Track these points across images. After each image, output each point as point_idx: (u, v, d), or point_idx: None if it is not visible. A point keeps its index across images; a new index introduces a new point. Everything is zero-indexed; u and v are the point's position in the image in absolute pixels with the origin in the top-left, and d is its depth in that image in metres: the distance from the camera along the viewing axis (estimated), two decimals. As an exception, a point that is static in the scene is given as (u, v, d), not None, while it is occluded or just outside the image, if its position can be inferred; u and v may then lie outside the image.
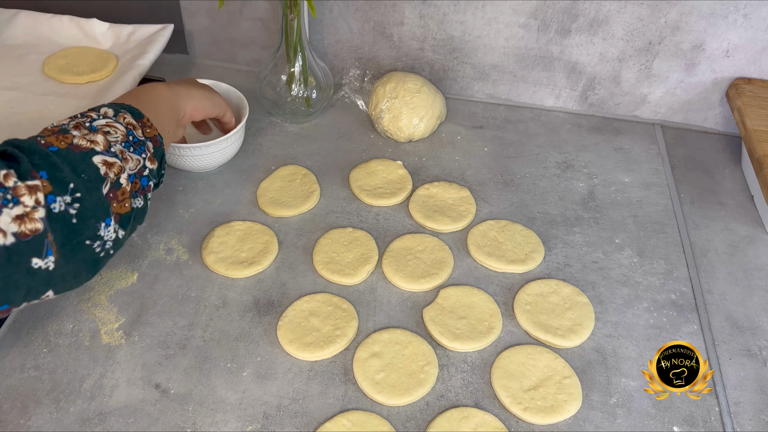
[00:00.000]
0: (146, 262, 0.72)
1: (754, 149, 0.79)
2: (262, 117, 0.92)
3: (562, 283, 0.72)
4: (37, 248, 0.46)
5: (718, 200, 0.85)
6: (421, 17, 0.90)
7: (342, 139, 0.90)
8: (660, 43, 0.87)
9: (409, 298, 0.71)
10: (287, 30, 0.83)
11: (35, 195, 0.46)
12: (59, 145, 0.50)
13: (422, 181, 0.84)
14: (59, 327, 0.65)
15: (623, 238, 0.78)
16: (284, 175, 0.83)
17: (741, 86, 0.87)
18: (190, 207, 0.79)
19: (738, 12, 0.82)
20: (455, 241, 0.77)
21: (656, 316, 0.70)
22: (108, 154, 0.53)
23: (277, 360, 0.64)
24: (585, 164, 0.88)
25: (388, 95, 0.87)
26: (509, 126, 0.94)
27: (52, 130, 0.53)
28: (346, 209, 0.80)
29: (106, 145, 0.54)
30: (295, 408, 0.60)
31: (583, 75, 0.93)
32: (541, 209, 0.82)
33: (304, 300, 0.69)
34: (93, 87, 0.90)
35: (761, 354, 0.67)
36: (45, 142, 0.50)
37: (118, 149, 0.54)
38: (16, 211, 0.44)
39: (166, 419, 0.59)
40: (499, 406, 0.62)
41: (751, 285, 0.74)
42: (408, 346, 0.65)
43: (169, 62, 1.01)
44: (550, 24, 0.88)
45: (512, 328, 0.68)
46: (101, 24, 0.96)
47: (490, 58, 0.93)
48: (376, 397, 0.61)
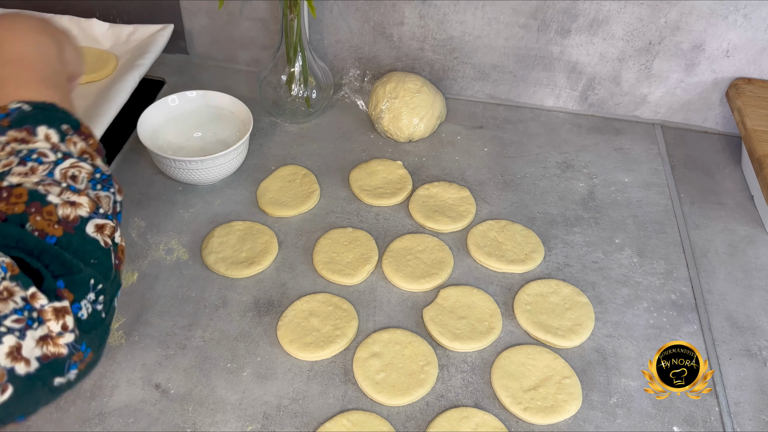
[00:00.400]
0: (146, 262, 0.72)
1: (754, 149, 0.79)
2: (262, 117, 0.92)
3: (562, 283, 0.72)
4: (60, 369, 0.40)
5: (718, 200, 0.85)
6: (421, 17, 0.90)
7: (342, 139, 0.90)
8: (660, 43, 0.87)
9: (409, 298, 0.71)
10: (287, 30, 0.83)
11: (62, 320, 0.40)
12: (55, 233, 0.42)
13: (422, 181, 0.84)
14: None
15: (623, 238, 0.78)
16: (284, 175, 0.83)
17: (741, 86, 0.87)
18: (190, 207, 0.79)
19: (738, 12, 0.82)
20: (455, 241, 0.77)
21: (656, 316, 0.70)
22: (96, 215, 0.44)
23: (277, 360, 0.64)
24: (585, 164, 0.88)
25: (388, 95, 0.87)
26: (509, 126, 0.94)
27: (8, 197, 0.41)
28: (346, 209, 0.80)
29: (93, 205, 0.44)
30: (295, 408, 0.60)
31: (583, 75, 0.93)
32: (541, 209, 0.82)
33: (304, 300, 0.69)
34: (93, 87, 0.90)
35: (761, 354, 0.67)
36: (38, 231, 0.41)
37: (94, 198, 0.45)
38: (40, 332, 0.39)
39: (166, 419, 0.59)
40: (499, 406, 0.62)
41: (751, 285, 0.74)
42: (408, 346, 0.65)
43: (169, 62, 1.01)
44: (550, 24, 0.88)
45: (512, 328, 0.69)
46: (101, 24, 0.96)
47: (490, 58, 0.93)
48: (376, 397, 0.61)
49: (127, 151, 0.86)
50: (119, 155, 0.85)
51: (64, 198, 0.43)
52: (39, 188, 0.42)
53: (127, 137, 0.87)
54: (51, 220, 0.42)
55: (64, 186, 0.43)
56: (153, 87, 0.96)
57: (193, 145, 0.85)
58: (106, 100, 0.80)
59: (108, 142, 0.81)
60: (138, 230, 0.75)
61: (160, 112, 0.83)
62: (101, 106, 0.79)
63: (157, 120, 0.82)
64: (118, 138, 0.86)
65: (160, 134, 0.82)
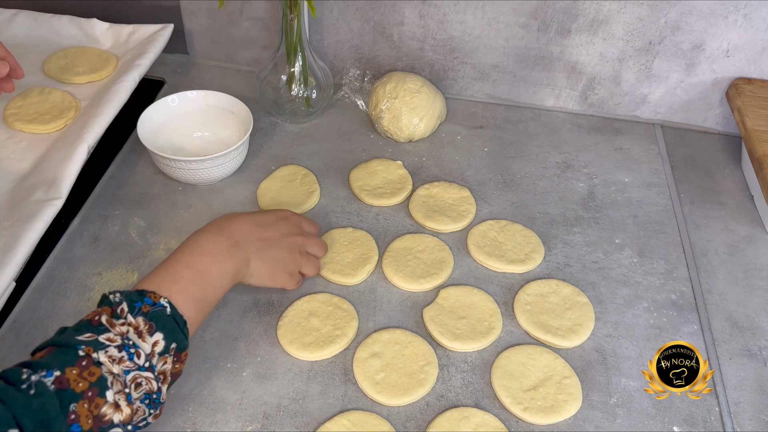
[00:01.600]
0: (146, 262, 0.72)
1: (754, 149, 0.79)
2: (262, 117, 0.92)
3: (562, 283, 0.72)
4: None
5: (718, 200, 0.85)
6: (421, 17, 0.90)
7: (342, 139, 0.90)
8: (660, 43, 0.87)
9: (409, 298, 0.71)
10: (287, 30, 0.83)
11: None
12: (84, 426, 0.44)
13: (422, 181, 0.84)
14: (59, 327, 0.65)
15: (623, 238, 0.78)
16: (284, 175, 0.83)
17: (741, 86, 0.87)
18: (190, 207, 0.79)
19: (738, 12, 0.82)
20: (455, 241, 0.77)
21: (656, 316, 0.70)
22: (123, 427, 0.47)
23: (277, 360, 0.64)
24: (585, 164, 0.88)
25: (388, 95, 0.87)
26: (509, 126, 0.94)
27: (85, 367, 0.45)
28: (346, 209, 0.80)
29: (129, 417, 0.47)
30: (295, 408, 0.60)
31: (583, 75, 0.93)
32: (541, 209, 0.82)
33: (304, 300, 0.69)
34: (93, 87, 0.90)
35: (761, 354, 0.67)
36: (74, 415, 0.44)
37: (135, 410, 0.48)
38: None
39: (166, 419, 0.59)
40: (499, 406, 0.62)
41: (751, 285, 0.74)
42: (408, 346, 0.65)
43: (169, 62, 1.01)
44: (550, 24, 0.88)
45: (512, 328, 0.68)
46: (101, 24, 0.96)
47: (490, 58, 0.93)
48: (376, 397, 0.61)
49: (127, 151, 0.86)
50: (119, 155, 0.85)
51: (116, 398, 0.46)
52: (109, 378, 0.46)
53: (127, 137, 0.87)
54: (91, 413, 0.45)
55: (125, 390, 0.47)
56: (153, 87, 0.96)
57: (193, 145, 0.85)
58: (106, 100, 0.80)
59: (108, 142, 0.82)
60: (138, 230, 0.75)
61: (160, 112, 0.83)
62: (101, 106, 0.79)
63: (157, 120, 0.82)
64: (118, 138, 0.86)
65: (160, 134, 0.82)
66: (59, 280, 0.69)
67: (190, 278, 0.55)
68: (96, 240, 0.74)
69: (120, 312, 0.50)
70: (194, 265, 0.56)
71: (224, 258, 0.58)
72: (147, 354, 0.49)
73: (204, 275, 0.56)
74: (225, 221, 0.62)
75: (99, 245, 0.73)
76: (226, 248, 0.59)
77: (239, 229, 0.61)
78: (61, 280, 0.70)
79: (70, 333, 0.48)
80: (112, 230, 0.75)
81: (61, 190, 0.71)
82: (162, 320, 0.51)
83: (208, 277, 0.56)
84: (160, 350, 0.50)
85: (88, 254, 0.72)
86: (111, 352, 0.47)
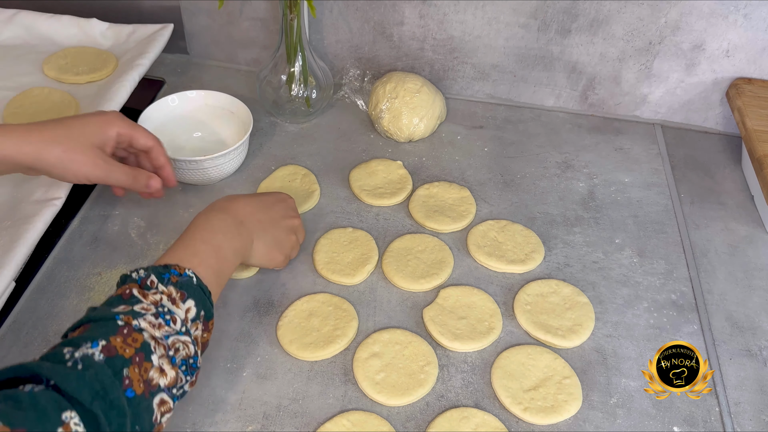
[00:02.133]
0: (146, 262, 0.72)
1: (754, 149, 0.79)
2: (262, 117, 0.92)
3: (562, 283, 0.72)
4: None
5: (718, 200, 0.85)
6: (421, 17, 0.90)
7: (342, 139, 0.90)
8: (660, 43, 0.87)
9: (409, 298, 0.71)
10: (287, 30, 0.83)
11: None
12: (136, 390, 0.45)
13: (422, 181, 0.84)
14: (59, 327, 0.65)
15: (623, 238, 0.78)
16: (284, 175, 0.83)
17: (741, 86, 0.87)
18: (189, 207, 0.79)
19: (738, 12, 0.82)
20: (455, 241, 0.77)
21: (656, 316, 0.70)
22: (168, 392, 0.48)
23: (277, 360, 0.64)
24: (585, 164, 0.88)
25: (388, 95, 0.87)
26: (509, 126, 0.94)
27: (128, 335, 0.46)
28: (346, 209, 0.80)
29: (173, 381, 0.48)
30: (295, 408, 0.60)
31: (583, 75, 0.93)
32: (541, 209, 0.82)
33: (304, 300, 0.69)
34: (93, 87, 0.90)
35: (761, 354, 0.67)
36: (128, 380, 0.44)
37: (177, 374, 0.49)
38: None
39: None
40: (499, 406, 0.62)
41: (751, 285, 0.74)
42: (408, 346, 0.65)
43: (169, 62, 1.01)
44: (550, 24, 0.88)
45: (512, 328, 0.68)
46: (101, 24, 0.96)
47: (490, 58, 0.93)
48: (376, 397, 0.61)
49: (127, 151, 0.86)
50: (119, 155, 0.85)
51: (160, 362, 0.47)
52: (152, 343, 0.47)
53: (127, 137, 0.87)
54: (142, 377, 0.46)
55: (169, 353, 0.48)
56: (153, 87, 0.96)
57: (193, 145, 0.85)
58: (106, 100, 0.80)
59: (108, 142, 0.82)
60: (138, 230, 0.75)
61: (160, 112, 0.83)
62: (101, 105, 0.79)
63: (157, 120, 0.82)
64: (118, 138, 0.86)
65: (159, 134, 0.81)
66: (59, 280, 0.69)
67: (208, 252, 0.57)
68: (96, 240, 0.74)
69: (150, 283, 0.51)
70: (209, 240, 0.58)
71: (234, 236, 0.60)
72: (182, 319, 0.50)
73: (219, 250, 0.58)
74: (227, 202, 0.64)
75: (99, 245, 0.73)
76: (234, 227, 0.61)
77: (243, 210, 0.63)
78: (60, 280, 0.70)
79: (103, 308, 0.48)
80: (112, 230, 0.75)
81: (60, 190, 0.71)
82: (191, 288, 0.52)
83: (222, 252, 0.58)
84: (192, 317, 0.51)
85: (88, 254, 0.72)
86: (149, 318, 0.48)
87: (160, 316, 0.49)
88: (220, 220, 0.60)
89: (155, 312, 0.49)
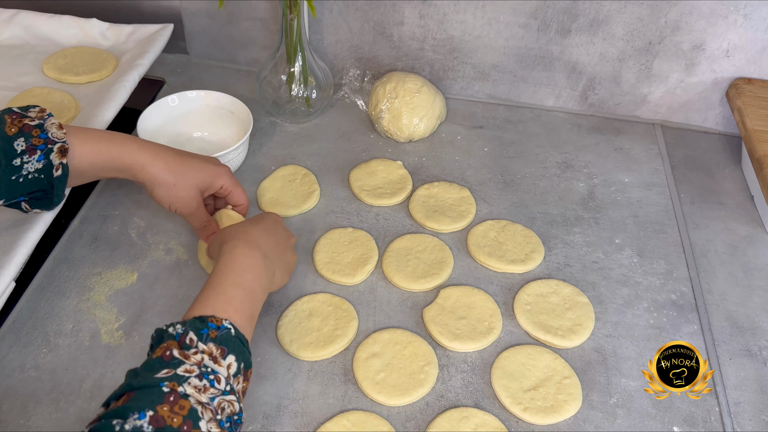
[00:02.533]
0: (146, 262, 0.72)
1: (754, 149, 0.79)
2: (262, 117, 0.92)
3: (562, 283, 0.72)
4: None
5: (718, 200, 0.85)
6: (421, 17, 0.90)
7: (342, 139, 0.90)
8: (660, 43, 0.87)
9: (409, 298, 0.71)
10: (287, 30, 0.83)
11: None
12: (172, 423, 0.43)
13: (422, 181, 0.84)
14: (59, 327, 0.65)
15: (623, 238, 0.78)
16: (284, 175, 0.83)
17: (741, 86, 0.87)
18: (190, 207, 0.79)
19: (738, 12, 0.82)
20: (455, 241, 0.77)
21: (656, 316, 0.70)
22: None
23: (277, 360, 0.64)
24: (585, 164, 0.88)
25: (388, 95, 0.87)
26: (509, 126, 0.94)
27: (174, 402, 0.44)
28: (346, 209, 0.80)
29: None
30: (295, 408, 0.60)
31: (583, 75, 0.93)
32: (541, 209, 0.82)
33: (304, 300, 0.69)
34: (93, 87, 0.90)
35: (761, 354, 0.67)
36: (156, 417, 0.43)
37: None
38: None
39: (166, 419, 0.59)
40: (499, 406, 0.62)
41: (751, 285, 0.74)
42: (408, 346, 0.65)
43: (169, 62, 1.01)
44: (550, 24, 0.88)
45: (512, 328, 0.68)
46: (101, 24, 0.96)
47: (490, 58, 0.93)
48: (376, 397, 0.61)
49: (127, 151, 0.86)
50: (119, 155, 0.85)
51: (209, 427, 0.45)
52: (198, 408, 0.45)
53: (127, 137, 0.87)
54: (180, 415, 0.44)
55: (217, 417, 0.46)
56: (153, 87, 0.96)
57: (193, 145, 0.85)
58: (106, 100, 0.80)
59: (108, 142, 0.82)
60: (138, 230, 0.75)
61: (160, 112, 0.83)
62: (101, 106, 0.79)
63: (157, 120, 0.82)
64: (118, 138, 0.86)
65: (160, 134, 0.81)
66: (59, 280, 0.69)
67: (241, 297, 0.55)
68: (96, 240, 0.74)
69: (189, 342, 0.49)
70: (240, 282, 0.56)
71: (261, 272, 0.59)
72: (225, 377, 0.49)
73: (251, 292, 0.56)
74: (244, 233, 0.61)
75: (99, 245, 0.73)
76: (261, 262, 0.59)
77: (263, 242, 0.61)
78: (60, 280, 0.70)
79: (144, 374, 0.46)
80: (112, 230, 0.75)
81: (61, 190, 0.71)
82: (231, 342, 0.50)
83: (254, 294, 0.57)
84: (234, 372, 0.50)
85: (88, 254, 0.72)
86: (194, 382, 0.46)
87: (204, 377, 0.47)
88: (246, 256, 0.58)
89: (198, 374, 0.47)
